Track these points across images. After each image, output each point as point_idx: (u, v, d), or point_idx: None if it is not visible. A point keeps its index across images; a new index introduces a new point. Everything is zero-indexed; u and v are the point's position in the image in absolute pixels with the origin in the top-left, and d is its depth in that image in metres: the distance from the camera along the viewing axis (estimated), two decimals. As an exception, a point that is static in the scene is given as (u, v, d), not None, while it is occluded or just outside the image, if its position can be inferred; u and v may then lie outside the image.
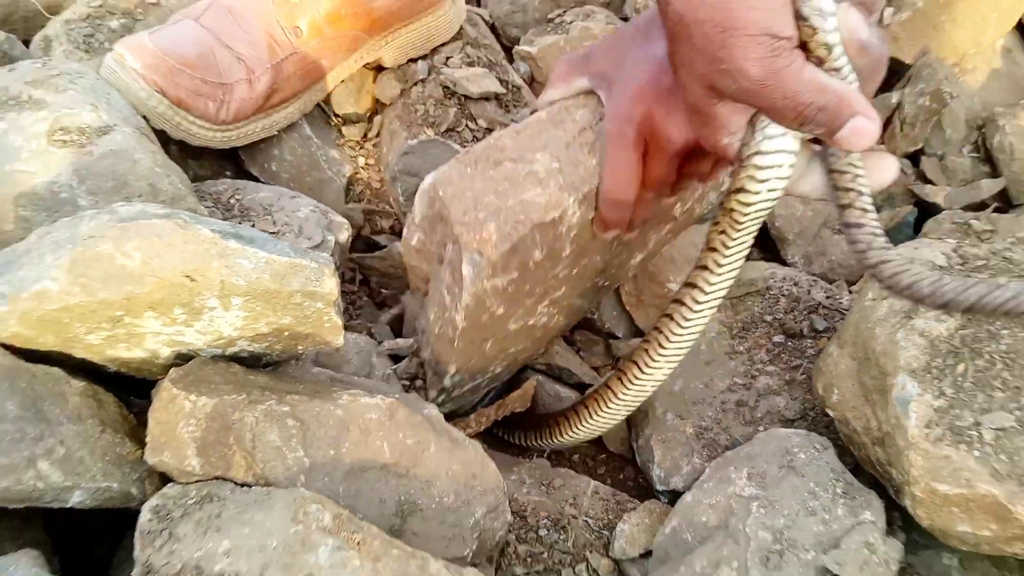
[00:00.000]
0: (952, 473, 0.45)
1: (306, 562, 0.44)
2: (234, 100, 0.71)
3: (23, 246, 0.49)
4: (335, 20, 0.75)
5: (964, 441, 0.45)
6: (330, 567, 0.45)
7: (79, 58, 0.75)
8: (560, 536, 0.58)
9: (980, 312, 0.46)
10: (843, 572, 0.46)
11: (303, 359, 0.58)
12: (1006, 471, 0.44)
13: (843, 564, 0.47)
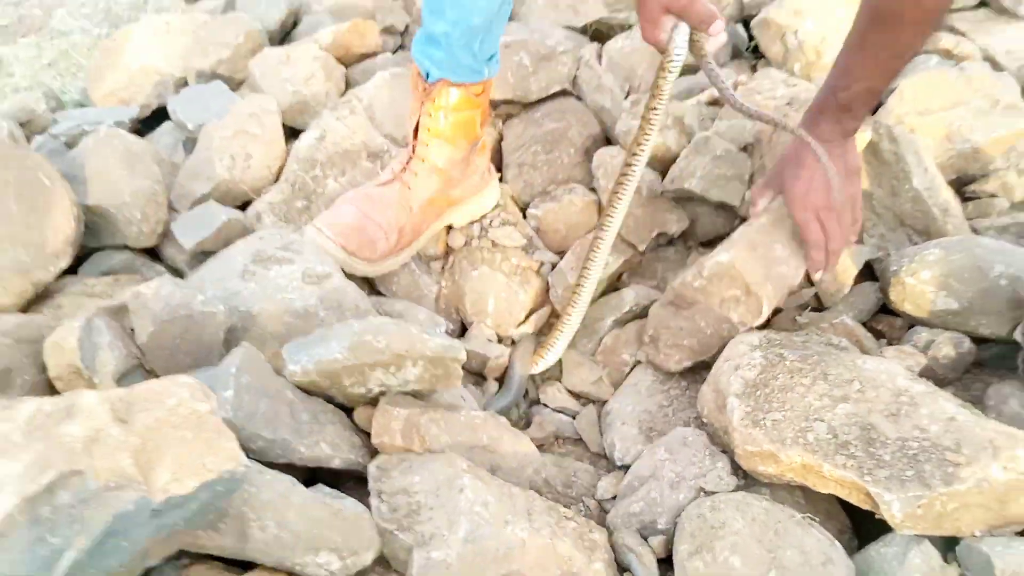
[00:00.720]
0: (752, 441, 0.98)
1: (456, 484, 0.96)
2: (378, 249, 1.25)
3: (317, 336, 1.01)
4: (431, 202, 1.30)
5: (757, 426, 0.99)
6: (470, 488, 0.96)
7: (281, 226, 1.29)
8: (569, 489, 1.11)
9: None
10: (708, 487, 1.00)
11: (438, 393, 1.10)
12: (775, 438, 0.97)
13: (708, 485, 1.00)
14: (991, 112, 1.54)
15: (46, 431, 0.78)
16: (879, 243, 1.39)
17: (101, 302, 1.12)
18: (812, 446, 0.96)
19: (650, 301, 1.29)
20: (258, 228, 1.28)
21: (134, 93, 1.65)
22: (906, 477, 0.93)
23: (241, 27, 1.66)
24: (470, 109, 1.25)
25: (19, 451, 0.76)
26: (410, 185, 1.27)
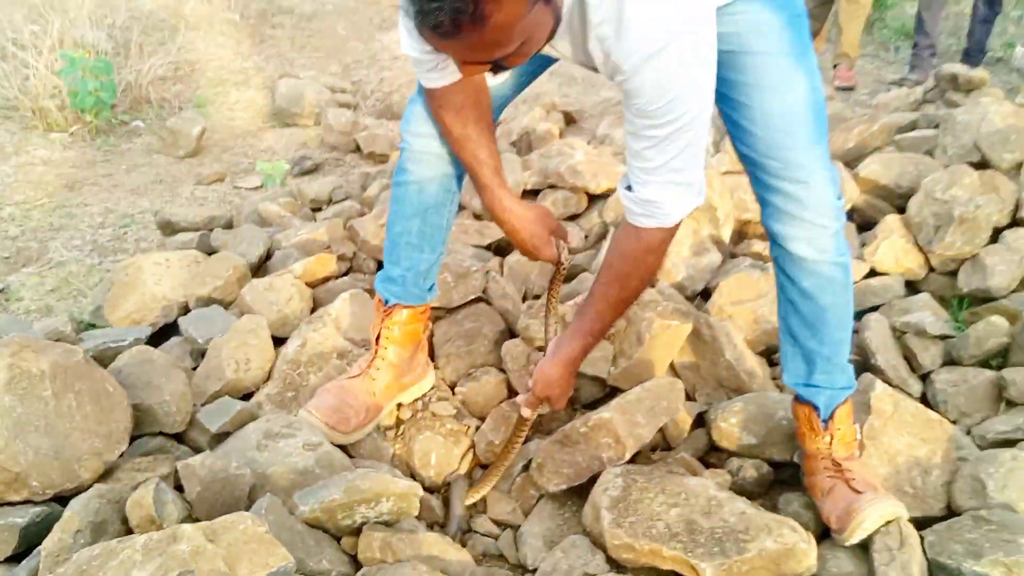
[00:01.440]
0: (617, 537, 1.47)
1: (421, 581, 1.42)
2: (351, 424, 1.73)
3: (319, 485, 1.48)
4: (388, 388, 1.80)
5: (620, 527, 1.48)
6: (429, 581, 1.42)
7: (277, 411, 1.76)
8: None
9: None
10: (590, 571, 1.48)
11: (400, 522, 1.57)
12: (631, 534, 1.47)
13: (590, 570, 1.49)
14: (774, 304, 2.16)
15: (160, 551, 1.22)
16: (705, 400, 1.95)
17: (151, 473, 1.58)
18: (655, 537, 1.47)
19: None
20: (260, 414, 1.75)
21: (145, 315, 2.12)
22: (715, 551, 1.43)
23: (230, 262, 2.19)
24: (416, 323, 1.79)
25: (144, 563, 1.21)
26: (373, 377, 1.77)
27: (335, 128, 3.57)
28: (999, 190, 2.53)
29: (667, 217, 1.39)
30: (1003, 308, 2.25)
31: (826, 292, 1.55)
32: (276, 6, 5.42)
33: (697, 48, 1.21)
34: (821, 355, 1.60)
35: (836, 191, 1.49)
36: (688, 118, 1.26)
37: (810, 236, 1.49)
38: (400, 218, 1.74)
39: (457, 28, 1.04)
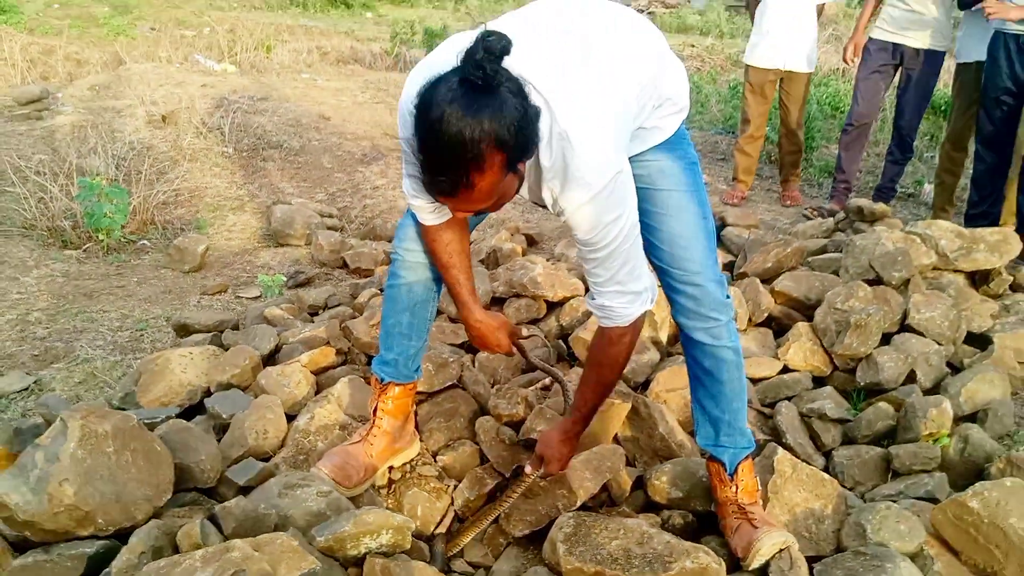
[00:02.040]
0: (570, 563, 1.86)
1: None
2: (353, 480, 2.11)
3: (332, 520, 1.85)
4: (382, 453, 2.19)
5: (571, 555, 1.87)
6: (420, 596, 1.78)
7: (292, 471, 2.13)
8: None
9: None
10: None
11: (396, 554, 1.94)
12: (580, 559, 1.86)
13: None
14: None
15: (217, 558, 1.60)
16: (643, 466, 2.37)
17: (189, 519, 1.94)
18: (600, 561, 1.86)
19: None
20: (278, 473, 2.13)
21: (172, 398, 2.50)
22: (646, 571, 1.83)
23: (247, 354, 2.60)
24: (406, 398, 2.21)
25: (203, 568, 1.58)
26: (371, 443, 2.17)
27: (325, 247, 4.04)
28: (889, 302, 3.05)
29: (621, 319, 1.83)
30: (892, 397, 2.71)
31: (722, 370, 2.01)
32: (266, 141, 5.99)
33: (618, 192, 1.65)
34: (723, 421, 2.04)
35: (724, 292, 1.96)
36: (618, 242, 1.70)
37: (706, 327, 1.96)
38: (392, 313, 2.18)
39: (455, 191, 1.49)
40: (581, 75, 1.62)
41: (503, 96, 1.41)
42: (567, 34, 1.67)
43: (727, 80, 10.88)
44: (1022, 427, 2.74)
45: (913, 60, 4.68)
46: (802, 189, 5.82)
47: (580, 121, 1.57)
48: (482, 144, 1.40)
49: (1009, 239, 3.34)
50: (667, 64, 1.83)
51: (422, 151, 1.46)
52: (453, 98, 1.39)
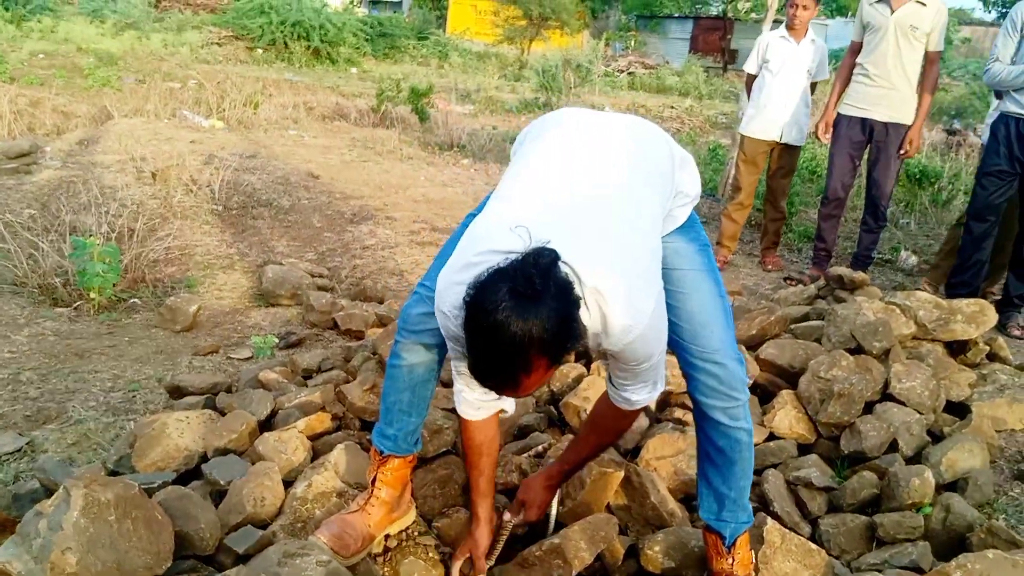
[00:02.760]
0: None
1: None
2: (350, 549, 2.13)
3: None
4: (380, 522, 2.22)
5: None
6: None
7: (289, 540, 2.15)
8: None
9: None
10: None
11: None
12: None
13: None
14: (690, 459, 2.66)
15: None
16: (636, 535, 2.41)
17: (189, 587, 1.96)
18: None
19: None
20: (276, 541, 2.15)
21: (168, 463, 2.52)
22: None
23: (244, 419, 2.62)
24: (404, 469, 2.25)
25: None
26: (369, 512, 2.20)
27: (316, 308, 4.08)
28: (871, 371, 3.13)
29: (636, 405, 2.00)
30: (875, 466, 2.78)
31: (735, 451, 2.07)
32: (256, 199, 6.06)
33: (657, 318, 1.76)
34: (729, 497, 2.10)
35: (744, 371, 2.04)
36: (656, 357, 1.83)
37: (725, 406, 2.03)
38: (393, 391, 2.23)
39: (502, 389, 1.65)
40: (598, 228, 1.71)
41: (549, 305, 1.50)
42: (580, 182, 1.78)
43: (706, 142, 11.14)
44: (1001, 495, 2.81)
45: (882, 133, 4.87)
46: (782, 254, 5.95)
47: (607, 273, 1.65)
48: (530, 352, 1.51)
49: (985, 310, 3.45)
50: (677, 161, 1.97)
51: (472, 353, 1.57)
52: (504, 307, 1.48)
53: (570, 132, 1.93)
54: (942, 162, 8.30)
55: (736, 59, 28.55)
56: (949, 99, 16.26)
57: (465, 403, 2.03)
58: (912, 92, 4.82)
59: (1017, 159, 4.30)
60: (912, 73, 4.77)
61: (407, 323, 2.14)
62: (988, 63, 4.47)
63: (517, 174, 1.86)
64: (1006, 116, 4.35)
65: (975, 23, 31.39)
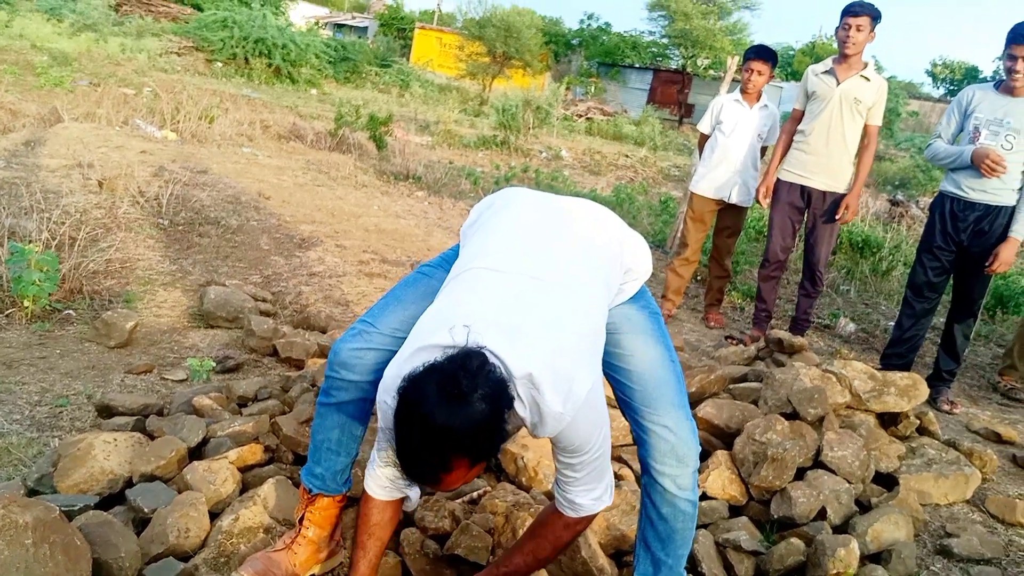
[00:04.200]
0: None
1: None
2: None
3: None
4: (306, 561, 2.17)
5: None
6: None
7: (212, 573, 2.10)
8: None
9: None
10: None
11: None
12: None
13: None
14: (631, 512, 2.66)
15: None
16: (565, 589, 2.40)
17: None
18: None
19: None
20: (196, 575, 2.09)
21: (92, 485, 2.44)
22: None
23: (173, 445, 2.56)
24: (333, 509, 2.23)
25: None
26: (295, 551, 2.16)
27: (256, 333, 4.02)
28: (805, 437, 3.18)
29: (584, 511, 1.96)
30: (803, 532, 2.81)
31: (677, 520, 2.08)
32: (203, 216, 5.97)
33: (592, 405, 1.76)
34: (666, 564, 2.11)
35: (695, 438, 2.05)
36: (595, 449, 1.83)
37: (675, 473, 2.04)
38: (323, 429, 2.21)
39: (423, 482, 1.69)
40: (540, 320, 1.73)
41: (475, 407, 1.53)
42: (528, 271, 1.83)
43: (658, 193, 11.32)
44: (923, 570, 2.87)
45: (819, 201, 5.01)
46: (725, 312, 6.05)
47: (541, 362, 1.66)
48: (448, 451, 1.55)
49: (918, 384, 3.54)
50: (627, 244, 2.04)
51: (397, 443, 1.61)
52: (428, 403, 1.53)
53: (521, 218, 1.99)
54: (884, 232, 8.54)
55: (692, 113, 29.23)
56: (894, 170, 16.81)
57: (373, 479, 2.01)
58: (850, 162, 4.97)
59: (950, 236, 4.46)
60: (852, 144, 4.92)
61: (338, 357, 2.12)
62: (932, 139, 4.65)
63: (471, 257, 1.90)
64: (943, 195, 4.53)
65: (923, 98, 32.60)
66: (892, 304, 6.84)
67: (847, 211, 4.92)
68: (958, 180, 4.42)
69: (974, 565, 2.90)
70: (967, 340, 4.62)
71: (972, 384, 5.20)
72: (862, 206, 10.26)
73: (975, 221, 4.38)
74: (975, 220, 4.38)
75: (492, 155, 13.27)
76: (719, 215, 5.61)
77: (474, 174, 10.09)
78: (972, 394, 4.99)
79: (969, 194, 4.38)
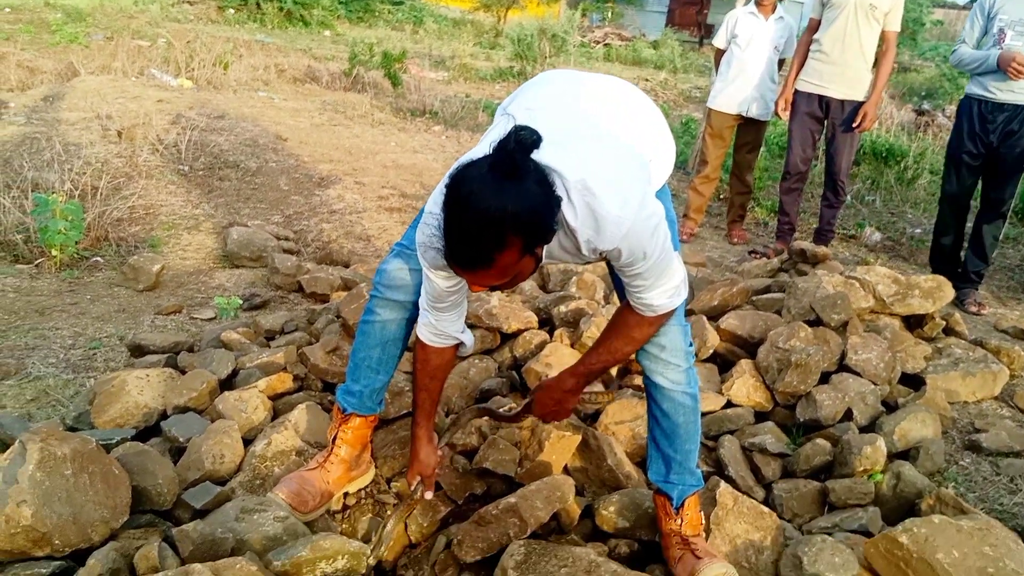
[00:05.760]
0: (520, 589, 1.93)
1: None
2: (309, 505, 2.15)
3: (290, 545, 1.89)
4: (339, 480, 2.23)
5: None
6: None
7: (247, 495, 2.16)
8: None
9: None
10: None
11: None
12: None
13: None
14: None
15: (176, 582, 1.63)
16: (591, 496, 2.44)
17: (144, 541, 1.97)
18: (548, 589, 1.93)
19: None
20: (234, 497, 2.16)
21: (128, 420, 2.51)
22: (592, 598, 1.90)
23: (203, 377, 2.62)
24: (366, 429, 2.27)
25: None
26: (328, 470, 2.22)
27: (281, 271, 4.06)
28: (828, 342, 3.18)
29: (660, 310, 1.89)
30: (829, 434, 2.83)
31: (679, 413, 2.10)
32: (222, 160, 5.99)
33: (649, 208, 1.72)
34: (675, 460, 2.14)
35: (687, 340, 2.06)
36: (658, 252, 1.76)
37: (665, 371, 2.05)
38: (364, 347, 2.24)
39: (473, 267, 1.57)
40: (578, 136, 1.72)
41: (528, 185, 1.50)
42: (575, 113, 1.81)
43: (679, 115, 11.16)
44: (952, 465, 2.89)
45: (837, 110, 4.92)
46: (748, 227, 6.00)
47: (593, 168, 1.65)
48: (503, 226, 1.49)
49: (942, 286, 3.51)
50: (656, 122, 1.97)
51: (447, 224, 1.54)
52: (482, 181, 1.49)
53: (561, 85, 1.94)
54: (909, 141, 8.37)
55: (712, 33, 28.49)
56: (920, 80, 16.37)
57: (427, 327, 2.04)
58: (867, 70, 4.87)
59: (979, 138, 4.38)
60: (868, 52, 4.81)
61: (383, 279, 2.16)
62: (956, 45, 4.53)
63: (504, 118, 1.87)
64: (970, 98, 4.44)
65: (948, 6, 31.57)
66: (919, 212, 6.75)
67: (865, 119, 4.82)
68: (985, 82, 4.33)
69: (1003, 458, 2.91)
70: (996, 241, 4.57)
71: (1001, 286, 5.15)
72: (887, 117, 10.04)
73: (1004, 122, 4.30)
74: (1004, 121, 4.30)
75: (509, 87, 13.10)
76: (738, 131, 5.52)
77: (491, 106, 9.97)
78: (1000, 296, 4.94)
79: (997, 95, 4.30)
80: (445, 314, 2.01)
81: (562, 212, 1.64)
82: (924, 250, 5.46)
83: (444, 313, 2.01)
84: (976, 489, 2.76)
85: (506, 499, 2.20)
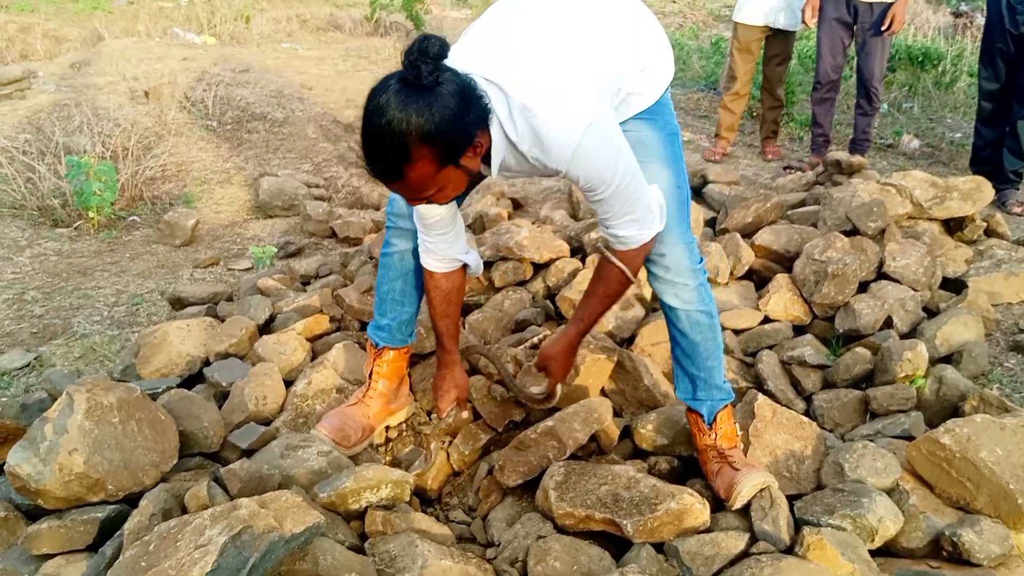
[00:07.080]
0: (560, 507, 1.95)
1: (413, 544, 1.88)
2: (351, 440, 2.19)
3: (334, 477, 1.94)
4: (379, 414, 2.27)
5: (563, 500, 1.96)
6: (420, 546, 1.88)
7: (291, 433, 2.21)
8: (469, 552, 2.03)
9: None
10: (542, 535, 1.95)
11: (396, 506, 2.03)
12: (572, 504, 1.95)
13: (543, 534, 1.96)
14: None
15: (225, 516, 1.68)
16: (629, 417, 2.46)
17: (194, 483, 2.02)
18: (589, 506, 1.95)
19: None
20: (279, 436, 2.21)
21: (172, 369, 2.57)
22: (633, 512, 1.92)
23: (243, 323, 2.67)
24: (400, 361, 2.30)
25: (213, 525, 1.66)
26: (367, 404, 2.26)
27: (313, 218, 4.09)
28: (866, 251, 3.13)
29: (633, 242, 1.86)
30: (869, 342, 2.81)
31: (695, 332, 2.08)
32: (250, 113, 6.00)
33: (600, 138, 1.67)
34: (700, 377, 2.12)
35: (694, 258, 2.01)
36: (616, 182, 1.72)
37: (675, 291, 2.03)
38: (386, 280, 2.25)
39: (388, 179, 1.59)
40: (532, 53, 1.67)
41: (438, 94, 1.49)
42: (542, 27, 1.73)
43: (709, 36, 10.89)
44: (996, 367, 2.85)
45: (866, 14, 4.75)
46: (783, 143, 5.88)
47: (535, 89, 1.62)
48: (405, 138, 1.48)
49: (981, 187, 3.42)
50: (643, 30, 1.88)
51: (360, 139, 1.56)
52: (388, 93, 1.48)
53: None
54: (947, 45, 8.08)
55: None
56: (958, -19, 15.74)
57: (430, 255, 2.06)
58: None
59: (1009, 32, 4.24)
60: None
61: (393, 207, 2.16)
62: None
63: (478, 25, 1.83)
64: None
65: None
66: (958, 116, 6.54)
67: (894, 21, 4.65)
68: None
69: (1050, 358, 2.86)
70: (1033, 139, 4.43)
71: (1044, 186, 5.01)
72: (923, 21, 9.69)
73: None
74: None
75: (533, 19, 12.85)
76: (767, 43, 5.37)
77: (515, 40, 9.82)
78: (1044, 195, 4.80)
79: (1024, -15, 4.14)
80: (440, 235, 2.01)
81: (501, 127, 1.64)
82: (964, 155, 5.30)
83: (439, 234, 2.01)
84: (1022, 389, 2.72)
85: (544, 423, 2.22)
